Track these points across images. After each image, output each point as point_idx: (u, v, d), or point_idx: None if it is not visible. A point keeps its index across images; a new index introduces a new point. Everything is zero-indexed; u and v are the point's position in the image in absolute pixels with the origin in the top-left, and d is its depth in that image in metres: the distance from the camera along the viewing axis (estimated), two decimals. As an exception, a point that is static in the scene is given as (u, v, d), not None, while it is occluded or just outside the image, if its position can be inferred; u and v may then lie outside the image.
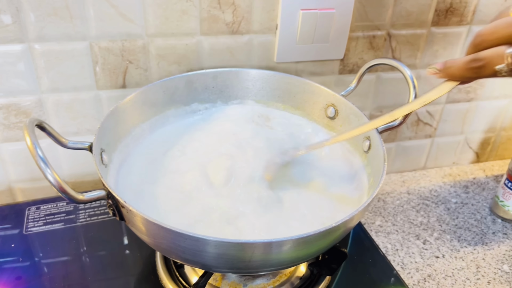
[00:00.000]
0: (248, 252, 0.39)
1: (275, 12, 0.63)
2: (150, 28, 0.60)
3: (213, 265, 0.42)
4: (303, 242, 0.39)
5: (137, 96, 0.56)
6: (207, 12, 0.61)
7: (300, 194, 0.52)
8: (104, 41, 0.60)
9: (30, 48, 0.58)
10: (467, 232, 0.73)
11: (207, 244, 0.38)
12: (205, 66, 0.65)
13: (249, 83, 0.63)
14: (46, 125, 0.43)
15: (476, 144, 0.88)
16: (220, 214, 0.47)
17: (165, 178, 0.53)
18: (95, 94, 0.64)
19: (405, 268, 0.66)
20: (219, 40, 0.64)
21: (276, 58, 0.67)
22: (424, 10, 0.69)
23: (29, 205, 0.65)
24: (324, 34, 0.66)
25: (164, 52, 0.63)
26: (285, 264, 0.44)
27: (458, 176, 0.87)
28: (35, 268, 0.56)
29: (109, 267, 0.57)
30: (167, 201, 0.49)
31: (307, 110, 0.63)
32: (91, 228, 0.62)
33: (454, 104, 0.81)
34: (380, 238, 0.71)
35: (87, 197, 0.40)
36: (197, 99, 0.63)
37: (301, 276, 0.55)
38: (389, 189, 0.82)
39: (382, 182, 0.44)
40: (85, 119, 0.65)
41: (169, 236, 0.39)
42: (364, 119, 0.54)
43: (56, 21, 0.57)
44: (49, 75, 0.60)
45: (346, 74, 0.72)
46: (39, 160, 0.37)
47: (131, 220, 0.41)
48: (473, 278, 0.65)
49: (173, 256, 0.46)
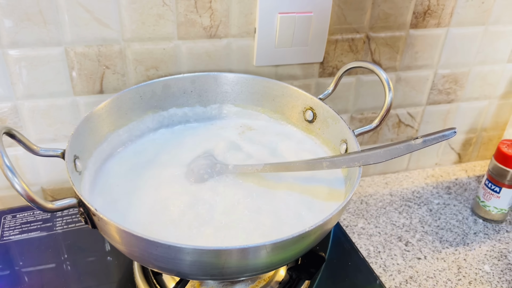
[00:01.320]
0: (221, 259, 0.38)
1: (253, 15, 0.63)
2: (127, 33, 0.60)
3: (188, 272, 0.42)
4: (278, 247, 0.39)
5: (113, 101, 0.55)
6: (184, 16, 0.61)
7: (275, 197, 0.51)
8: (80, 46, 0.59)
9: (3, 54, 0.57)
10: (448, 233, 0.74)
11: (179, 252, 0.37)
12: (183, 71, 0.65)
13: (228, 87, 0.63)
14: (16, 133, 0.43)
15: (458, 145, 0.89)
16: (197, 219, 0.47)
17: (142, 185, 0.52)
18: (72, 100, 0.63)
19: (387, 270, 0.66)
20: (197, 45, 0.64)
21: (255, 62, 0.67)
22: (402, 13, 0.69)
23: (5, 214, 0.64)
24: (302, 38, 0.66)
25: (141, 57, 0.62)
26: (261, 270, 0.44)
27: (440, 177, 0.87)
28: (11, 278, 0.55)
29: (87, 275, 0.56)
30: (143, 209, 0.49)
31: (286, 114, 0.63)
32: (69, 236, 0.61)
33: (435, 106, 0.82)
34: (363, 241, 0.71)
35: (57, 206, 0.39)
36: (175, 103, 0.62)
37: (280, 280, 0.55)
38: (372, 191, 0.82)
39: (356, 186, 0.44)
40: (63, 125, 0.64)
41: (141, 244, 0.38)
42: (341, 122, 0.54)
43: (30, 26, 0.56)
44: (24, 81, 0.59)
45: (326, 77, 0.72)
46: (6, 169, 0.36)
47: (103, 228, 0.41)
48: (455, 279, 0.65)
49: (147, 264, 0.45)
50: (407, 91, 0.78)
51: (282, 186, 0.53)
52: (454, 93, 0.81)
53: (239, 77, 0.63)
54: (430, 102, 0.81)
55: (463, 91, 0.81)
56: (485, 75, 0.81)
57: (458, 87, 0.80)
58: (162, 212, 0.48)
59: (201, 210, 0.48)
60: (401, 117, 0.81)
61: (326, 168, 0.48)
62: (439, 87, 0.79)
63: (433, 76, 0.78)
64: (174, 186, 0.51)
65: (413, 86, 0.78)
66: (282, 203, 0.51)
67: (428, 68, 0.77)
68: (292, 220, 0.48)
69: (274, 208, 0.50)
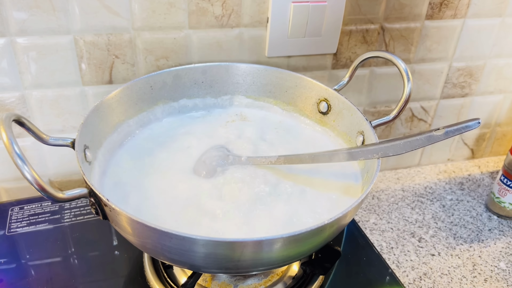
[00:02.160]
0: (237, 251, 0.37)
1: (266, 4, 0.62)
2: (137, 21, 0.59)
3: (201, 265, 0.40)
4: (294, 240, 0.38)
5: (123, 91, 0.54)
6: (196, 4, 0.59)
7: (294, 191, 0.50)
8: (89, 35, 0.58)
9: (12, 42, 0.56)
10: (462, 229, 0.72)
11: (194, 243, 0.36)
12: (194, 61, 0.63)
13: (240, 78, 0.62)
14: (25, 120, 0.42)
15: (471, 140, 0.87)
16: (209, 211, 0.46)
17: (152, 175, 0.51)
18: (80, 90, 0.62)
19: (400, 267, 0.64)
20: (208, 34, 0.62)
21: (267, 52, 0.65)
22: (418, 3, 0.68)
23: (12, 205, 0.63)
24: (316, 28, 0.64)
25: (151, 46, 0.61)
26: (276, 263, 0.43)
27: (453, 173, 0.86)
28: (19, 270, 0.54)
29: (95, 268, 0.55)
30: (154, 200, 0.47)
31: (299, 106, 0.61)
32: (77, 228, 0.60)
33: (449, 100, 0.80)
34: (375, 236, 0.70)
35: (67, 195, 0.38)
36: (186, 94, 0.61)
37: (294, 275, 0.54)
38: (384, 187, 0.81)
39: (376, 178, 0.43)
40: (71, 116, 0.63)
41: (154, 236, 0.37)
42: (357, 114, 0.53)
43: (39, 13, 0.55)
44: (32, 70, 0.58)
45: (339, 69, 0.70)
46: (16, 156, 0.35)
47: (115, 219, 0.39)
48: (470, 276, 0.64)
49: (159, 256, 0.44)
50: (421, 85, 0.77)
51: (295, 179, 0.51)
52: (469, 87, 0.79)
53: (251, 68, 0.61)
54: (444, 96, 0.79)
55: (477, 85, 0.80)
56: (501, 69, 0.79)
57: (473, 81, 0.79)
58: (173, 204, 0.47)
59: (214, 202, 0.47)
60: (414, 111, 0.79)
61: (343, 160, 0.47)
62: (453, 81, 0.78)
63: (447, 69, 0.76)
64: (185, 178, 0.50)
65: (427, 79, 0.76)
66: (295, 197, 0.49)
67: (443, 61, 0.75)
68: (307, 214, 0.47)
69: (288, 201, 0.49)
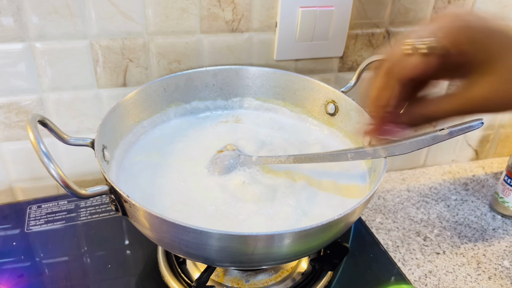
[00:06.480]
0: (251, 245, 0.39)
1: (275, 9, 0.64)
2: (151, 26, 0.61)
3: (216, 259, 0.42)
4: (305, 235, 0.39)
5: (138, 93, 0.56)
6: (207, 10, 0.61)
7: (304, 189, 0.52)
8: (105, 40, 0.60)
9: (31, 47, 0.58)
10: (467, 228, 0.74)
11: (211, 237, 0.38)
12: (205, 64, 0.66)
13: (249, 80, 0.64)
14: (48, 122, 0.44)
15: (475, 141, 0.89)
16: (224, 209, 0.48)
17: (166, 175, 0.53)
18: (95, 92, 0.64)
19: (406, 264, 0.66)
20: (219, 38, 0.64)
21: (275, 56, 0.67)
22: (422, 8, 0.69)
23: (30, 204, 0.65)
24: (323, 32, 0.66)
25: (164, 50, 0.63)
26: (288, 258, 0.44)
27: (457, 174, 0.87)
28: (37, 267, 0.56)
29: (110, 265, 0.57)
30: (168, 198, 0.49)
31: (307, 107, 0.63)
32: (93, 226, 0.62)
33: (453, 102, 0.81)
34: (381, 235, 0.71)
35: (90, 192, 0.40)
36: (197, 96, 0.63)
37: (303, 271, 0.55)
38: (389, 187, 0.82)
39: (383, 176, 0.45)
40: (86, 118, 0.65)
41: (172, 230, 0.39)
42: (365, 115, 0.55)
43: (57, 19, 0.57)
44: (49, 74, 0.60)
45: (345, 72, 0.72)
46: (42, 155, 0.37)
47: (134, 215, 0.41)
48: (474, 274, 0.65)
49: (176, 250, 0.46)
50: (426, 87, 0.78)
51: (304, 179, 0.53)
52: (473, 89, 0.81)
53: (261, 71, 0.63)
54: (448, 98, 0.81)
55: (481, 87, 0.81)
56: (504, 71, 0.80)
57: (477, 83, 0.80)
58: (188, 201, 0.49)
59: (226, 200, 0.49)
60: (419, 113, 0.81)
61: (351, 159, 0.49)
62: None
63: (451, 72, 0.78)
64: (199, 177, 0.52)
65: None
66: (304, 197, 0.51)
67: (447, 63, 0.76)
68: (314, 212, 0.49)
69: (297, 200, 0.50)
